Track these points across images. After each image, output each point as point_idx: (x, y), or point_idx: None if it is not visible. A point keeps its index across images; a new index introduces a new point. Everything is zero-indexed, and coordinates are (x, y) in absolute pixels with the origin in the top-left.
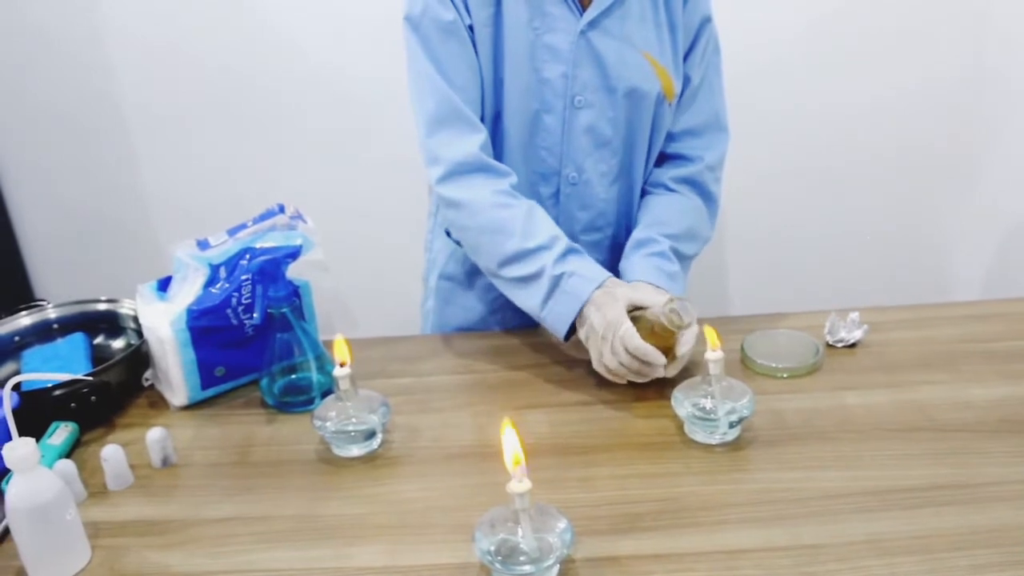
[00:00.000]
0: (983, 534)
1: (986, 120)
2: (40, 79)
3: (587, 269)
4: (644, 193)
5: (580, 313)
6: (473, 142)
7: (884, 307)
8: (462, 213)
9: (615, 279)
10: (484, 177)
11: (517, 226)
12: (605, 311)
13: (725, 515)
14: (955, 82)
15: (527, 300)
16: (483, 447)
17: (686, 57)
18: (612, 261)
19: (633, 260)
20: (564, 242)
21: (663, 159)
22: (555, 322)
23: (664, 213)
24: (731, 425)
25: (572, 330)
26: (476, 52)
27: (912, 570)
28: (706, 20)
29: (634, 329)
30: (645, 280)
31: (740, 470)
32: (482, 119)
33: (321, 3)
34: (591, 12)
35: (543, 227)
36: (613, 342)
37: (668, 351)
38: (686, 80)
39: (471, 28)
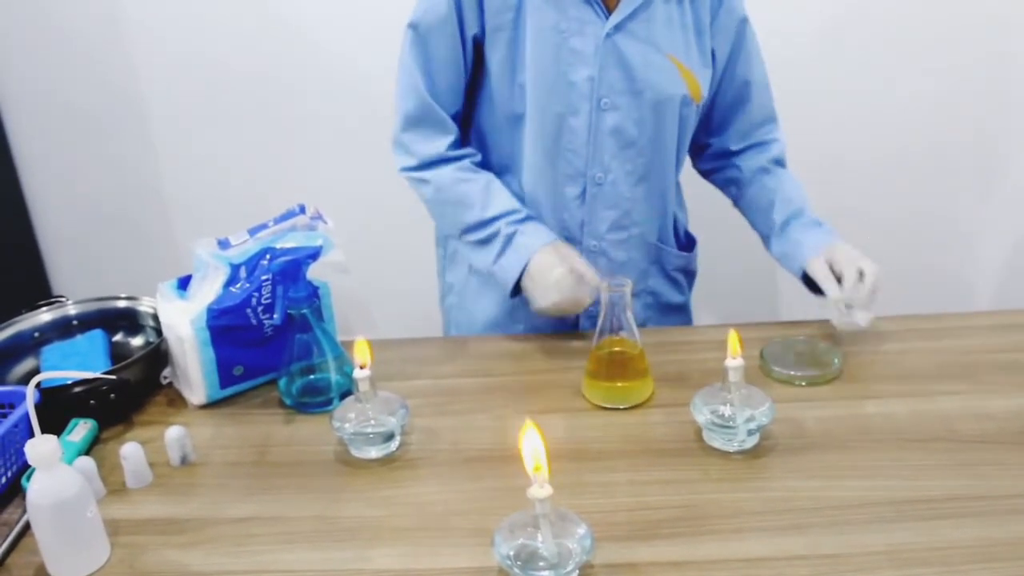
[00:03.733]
0: (1002, 546)
1: (1009, 122)
2: (60, 77)
3: (537, 232)
4: (738, 183)
5: (525, 267)
6: (443, 142)
7: (903, 316)
8: (427, 188)
9: (561, 242)
10: (451, 164)
11: (477, 198)
12: (543, 256)
13: (743, 523)
14: (978, 84)
15: (483, 259)
16: (502, 451)
17: (735, 59)
18: (640, 259)
19: (809, 236)
20: (522, 212)
21: (738, 153)
22: (504, 275)
23: (789, 191)
24: (750, 433)
25: (519, 288)
26: (465, 55)
27: None
28: (743, 20)
29: (566, 270)
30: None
31: (758, 478)
32: (490, 122)
33: (343, 2)
34: (616, 16)
35: (500, 199)
36: (554, 283)
37: None
38: (749, 76)
39: (477, 36)
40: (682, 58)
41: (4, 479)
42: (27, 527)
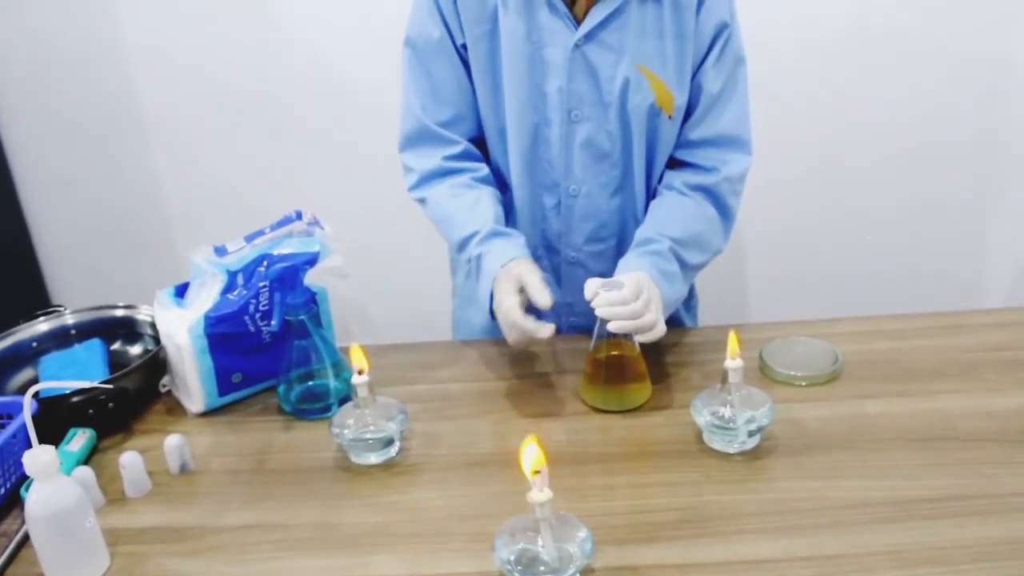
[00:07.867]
0: (1005, 546)
1: (1013, 122)
2: (56, 85)
3: (500, 249)
4: (656, 195)
5: (492, 291)
6: (439, 154)
7: (905, 315)
8: (427, 209)
9: (524, 259)
10: (449, 178)
11: (463, 215)
12: (498, 285)
13: (744, 525)
14: (981, 83)
15: (475, 284)
16: (502, 455)
17: (700, 65)
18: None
19: (630, 258)
20: (491, 226)
21: (679, 165)
22: (483, 303)
23: (669, 216)
24: (750, 434)
25: None
26: (468, 68)
27: None
28: (722, 26)
29: (515, 304)
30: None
31: (759, 479)
32: (483, 132)
33: (337, 12)
34: (586, 25)
35: (482, 214)
36: (503, 318)
37: None
38: (700, 89)
39: (464, 47)
40: (655, 67)
41: (3, 490)
42: (26, 538)
